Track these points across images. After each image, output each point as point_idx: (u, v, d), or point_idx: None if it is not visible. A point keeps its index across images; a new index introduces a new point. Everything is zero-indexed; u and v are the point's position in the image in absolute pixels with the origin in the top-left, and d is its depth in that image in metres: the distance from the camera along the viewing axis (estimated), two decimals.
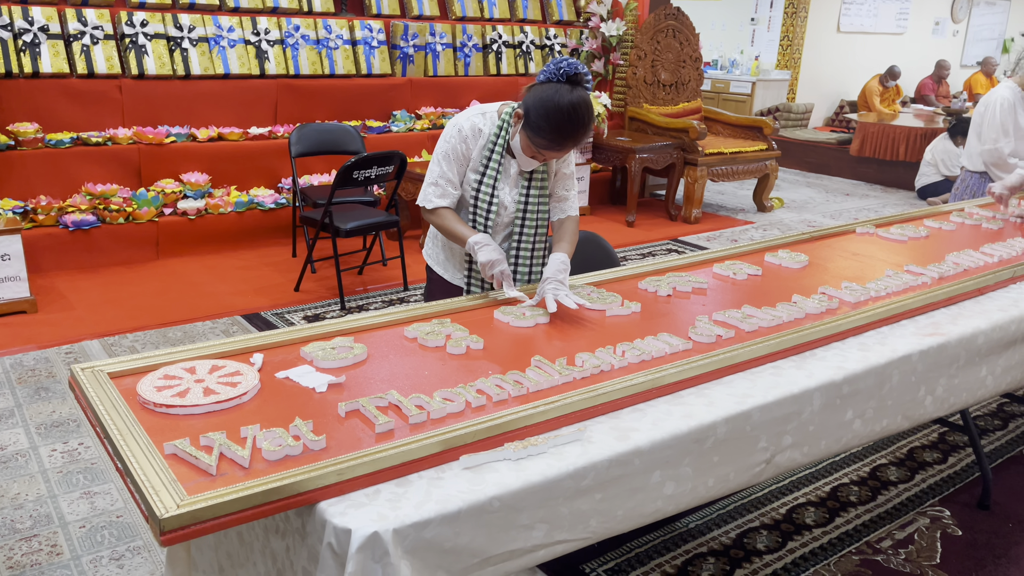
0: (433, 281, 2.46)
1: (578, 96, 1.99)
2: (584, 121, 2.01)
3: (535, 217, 2.27)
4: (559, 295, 2.03)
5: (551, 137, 2.02)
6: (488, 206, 2.23)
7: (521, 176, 2.24)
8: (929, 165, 7.63)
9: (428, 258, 2.48)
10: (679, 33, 6.96)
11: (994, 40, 12.43)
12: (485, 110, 2.24)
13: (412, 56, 6.01)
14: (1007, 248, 2.74)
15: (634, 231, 6.07)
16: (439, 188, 2.24)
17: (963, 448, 3.07)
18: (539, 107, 2.01)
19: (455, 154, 2.22)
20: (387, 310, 2.00)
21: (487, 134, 2.21)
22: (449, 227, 2.22)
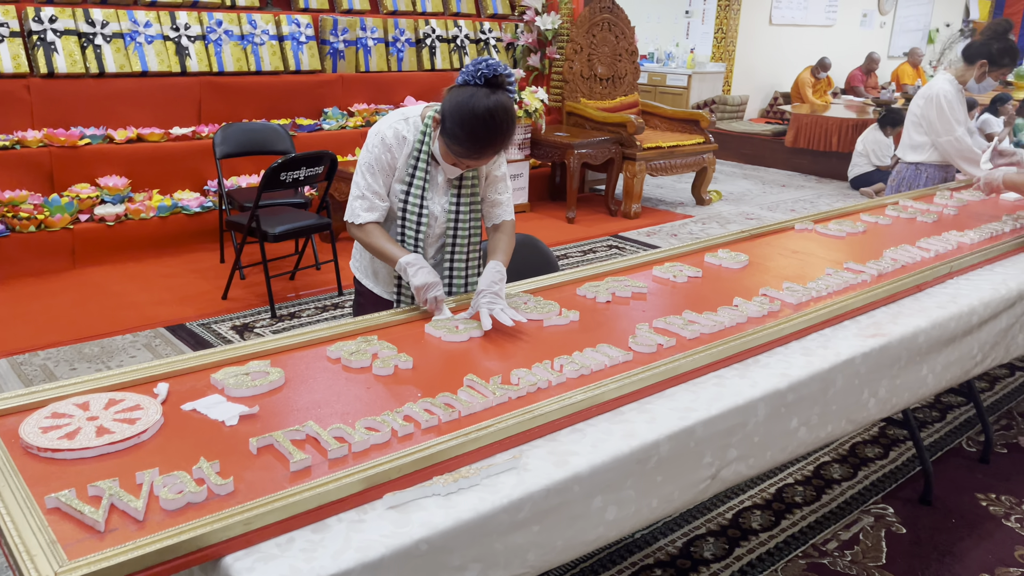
0: (362, 295, 2.33)
1: (495, 101, 1.86)
2: (502, 128, 1.88)
3: (468, 225, 2.15)
4: (494, 310, 1.92)
5: (467, 145, 1.90)
6: (418, 218, 2.11)
7: (450, 184, 2.12)
8: (861, 156, 7.75)
9: (356, 270, 2.34)
10: (615, 26, 6.91)
11: (920, 31, 12.76)
12: (408, 115, 2.11)
13: (343, 52, 5.82)
14: (942, 242, 2.74)
15: (574, 227, 6.01)
16: (366, 201, 2.11)
17: (904, 442, 3.08)
18: (454, 113, 1.88)
19: (379, 164, 2.09)
20: (308, 328, 1.87)
21: (411, 141, 2.08)
22: (378, 246, 2.09)
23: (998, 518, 2.62)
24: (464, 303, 2.08)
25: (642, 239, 5.81)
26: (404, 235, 2.13)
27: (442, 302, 1.99)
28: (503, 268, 2.05)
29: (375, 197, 2.11)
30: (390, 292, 2.24)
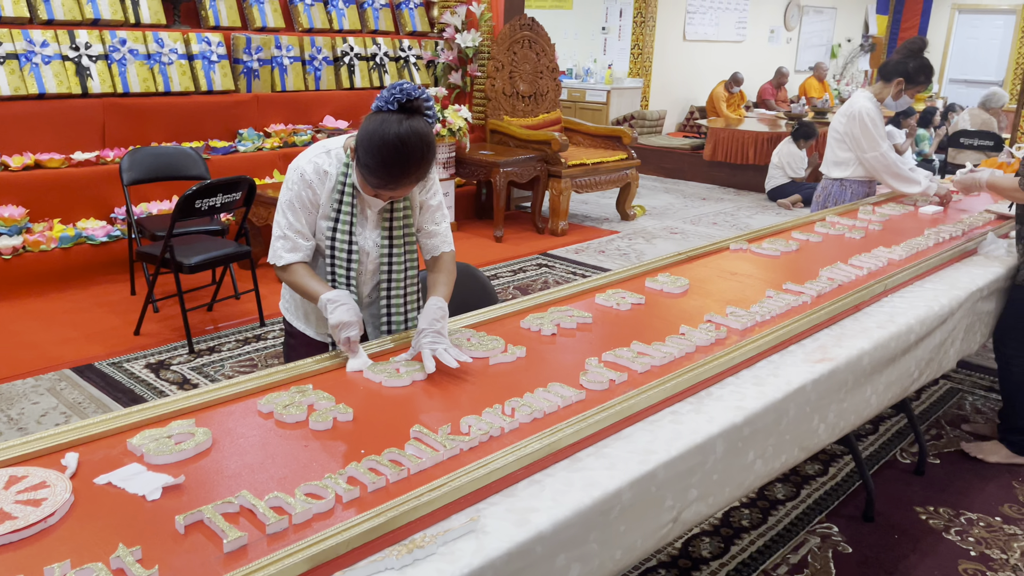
0: (293, 336, 2.18)
1: (408, 127, 1.74)
2: (416, 155, 1.77)
3: (403, 259, 2.04)
4: (437, 350, 1.81)
5: (380, 175, 1.78)
6: (347, 255, 1.98)
7: (380, 216, 2.00)
8: (776, 168, 7.96)
9: (286, 311, 2.20)
10: (535, 43, 6.90)
11: (823, 46, 13.27)
12: (329, 147, 1.98)
13: (257, 71, 5.61)
14: (873, 259, 2.77)
15: (503, 246, 5.93)
16: (288, 241, 1.98)
17: (841, 456, 3.10)
18: (365, 142, 1.77)
19: (300, 202, 1.96)
20: (235, 380, 1.72)
21: (334, 175, 1.96)
22: (302, 284, 1.96)
23: (939, 532, 2.65)
24: (405, 343, 1.97)
25: (571, 256, 5.79)
26: (334, 274, 2.00)
27: (356, 344, 1.85)
28: (444, 304, 1.94)
29: (297, 236, 1.98)
30: (324, 334, 2.10)
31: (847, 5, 13.57)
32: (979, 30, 13.86)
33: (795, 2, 12.38)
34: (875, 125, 3.62)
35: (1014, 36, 13.30)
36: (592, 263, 5.62)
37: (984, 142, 7.39)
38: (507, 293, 4.91)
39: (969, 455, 3.14)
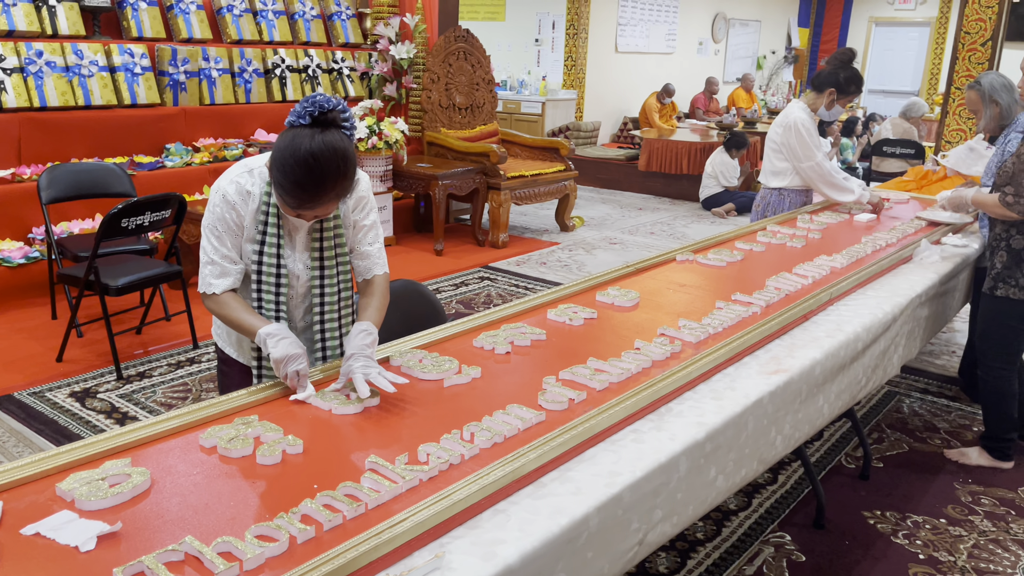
0: (227, 363, 2.07)
1: (320, 142, 1.64)
2: (331, 171, 1.66)
3: (336, 282, 1.95)
4: (370, 375, 1.71)
5: (295, 195, 1.67)
6: (276, 279, 1.88)
7: (309, 237, 1.91)
8: (710, 177, 8.10)
9: (218, 338, 2.08)
10: (470, 55, 6.87)
11: (750, 58, 13.62)
12: (252, 166, 1.88)
13: (184, 83, 5.41)
14: (817, 268, 2.81)
15: (443, 260, 5.86)
16: (216, 267, 1.87)
17: (790, 464, 3.13)
18: (278, 161, 1.67)
19: (224, 225, 1.86)
20: (173, 413, 1.61)
21: (257, 195, 1.85)
22: (235, 318, 1.84)
23: (887, 536, 2.68)
24: (333, 373, 1.87)
25: (512, 269, 5.75)
26: (262, 300, 1.90)
27: (305, 377, 1.75)
28: (374, 329, 1.84)
29: (225, 261, 1.87)
30: (252, 363, 1.98)
31: (770, 18, 13.97)
32: (895, 42, 14.44)
33: (721, 15, 12.68)
34: (810, 135, 3.69)
35: (928, 47, 13.90)
36: (534, 275, 5.60)
37: (906, 150, 7.66)
38: (450, 307, 4.84)
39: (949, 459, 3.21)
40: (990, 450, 3.17)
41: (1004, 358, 3.07)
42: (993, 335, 3.07)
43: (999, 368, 3.08)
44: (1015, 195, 2.81)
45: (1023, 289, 2.93)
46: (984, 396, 3.17)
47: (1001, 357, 3.07)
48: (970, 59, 5.75)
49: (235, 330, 1.89)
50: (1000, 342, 3.06)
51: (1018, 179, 2.80)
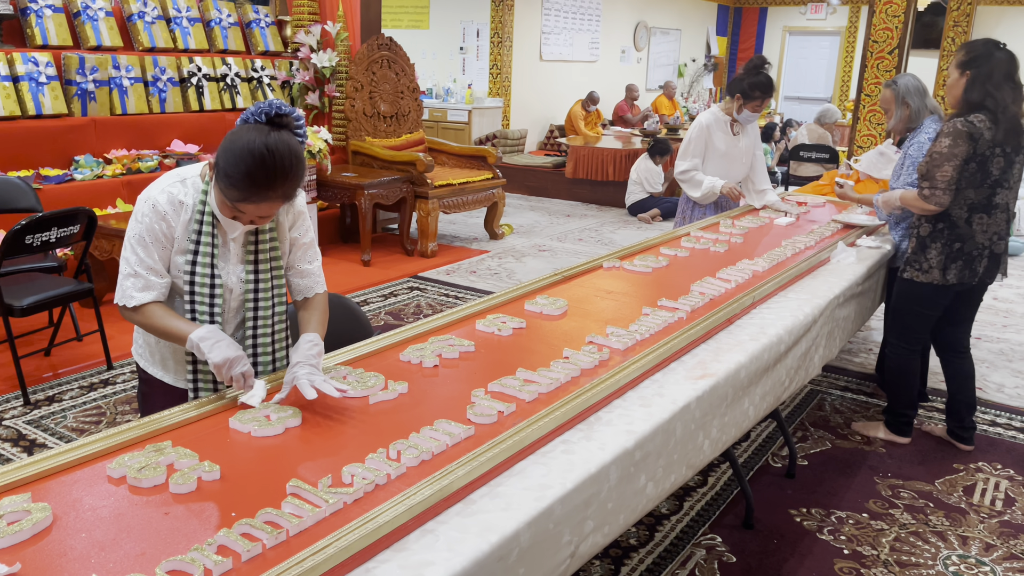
0: (148, 384, 1.98)
1: (276, 138, 1.64)
2: (283, 166, 1.64)
3: (270, 295, 1.89)
4: (316, 381, 1.69)
5: (244, 187, 1.64)
6: (210, 291, 1.82)
7: (244, 249, 1.85)
8: (635, 184, 8.21)
9: (140, 358, 1.99)
10: (394, 64, 6.80)
11: (671, 66, 13.91)
12: (185, 175, 1.83)
13: (93, 93, 5.19)
14: (739, 272, 2.86)
15: (371, 270, 5.77)
16: (139, 280, 1.79)
17: (718, 465, 3.17)
18: (228, 152, 1.64)
19: (152, 235, 1.79)
20: (78, 442, 1.52)
21: (191, 205, 1.80)
22: (162, 325, 1.78)
23: (813, 532, 2.74)
24: (276, 385, 1.81)
25: (442, 278, 5.70)
26: (195, 313, 1.83)
27: (251, 378, 1.72)
28: (320, 340, 1.82)
29: (150, 273, 1.80)
30: (185, 380, 1.91)
31: (690, 27, 14.30)
32: (808, 50, 14.96)
33: (643, 24, 12.91)
34: (689, 139, 4.02)
35: (839, 56, 14.45)
36: (464, 284, 5.56)
37: (821, 155, 7.93)
38: (378, 319, 4.76)
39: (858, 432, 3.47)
40: (890, 424, 3.40)
41: (908, 338, 3.27)
42: (900, 316, 3.27)
43: (903, 347, 3.28)
44: (931, 188, 2.98)
45: (924, 272, 3.12)
46: (888, 373, 3.39)
47: (905, 337, 3.27)
48: (878, 67, 5.99)
49: (164, 338, 1.82)
50: (905, 323, 3.26)
51: (932, 174, 2.96)
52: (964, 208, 3.00)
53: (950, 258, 3.06)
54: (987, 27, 12.65)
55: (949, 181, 2.93)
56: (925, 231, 3.10)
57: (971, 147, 2.90)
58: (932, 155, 2.97)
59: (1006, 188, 3.01)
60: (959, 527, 2.79)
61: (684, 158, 4.02)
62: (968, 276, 3.08)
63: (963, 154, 2.90)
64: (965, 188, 2.96)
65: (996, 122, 2.89)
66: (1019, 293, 5.73)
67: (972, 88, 2.92)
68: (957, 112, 2.98)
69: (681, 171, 4.03)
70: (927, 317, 3.21)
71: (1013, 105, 2.90)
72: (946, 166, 2.92)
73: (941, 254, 3.06)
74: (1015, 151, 2.97)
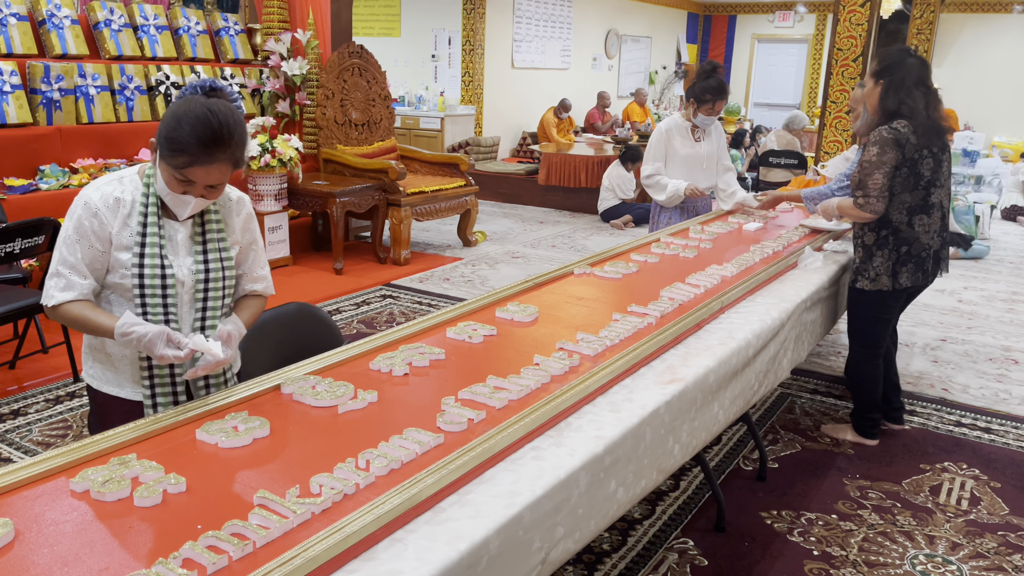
0: (105, 405, 1.92)
1: (216, 102, 1.70)
2: (228, 123, 1.68)
3: (220, 287, 1.87)
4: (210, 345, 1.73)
5: (192, 148, 1.66)
6: (162, 285, 1.78)
7: (191, 240, 1.84)
8: (608, 190, 8.26)
9: (91, 378, 1.93)
10: (365, 71, 6.79)
11: (642, 73, 14.02)
12: (123, 175, 1.83)
13: (59, 101, 5.12)
14: (708, 277, 2.88)
15: (344, 279, 5.74)
16: (61, 279, 1.77)
17: (690, 470, 3.19)
18: (172, 120, 1.68)
19: (81, 232, 1.76)
20: (40, 457, 1.49)
21: (131, 202, 1.79)
22: (85, 321, 1.75)
23: (783, 535, 2.77)
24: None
25: (415, 286, 5.69)
26: (147, 308, 1.78)
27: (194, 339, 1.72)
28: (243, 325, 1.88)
29: (72, 272, 1.76)
30: (142, 392, 1.86)
31: (660, 35, 14.43)
32: (776, 57, 15.17)
33: (614, 31, 13.01)
34: (650, 144, 4.11)
35: (807, 63, 14.66)
36: (438, 291, 5.56)
37: (790, 161, 8.04)
38: (351, 328, 4.74)
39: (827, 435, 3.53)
40: (857, 427, 3.46)
41: (868, 346, 3.33)
42: (857, 325, 3.34)
43: (864, 354, 3.35)
44: (864, 197, 3.07)
45: (872, 280, 3.18)
46: (851, 378, 3.45)
47: (865, 345, 3.34)
48: (843, 74, 6.08)
49: (90, 333, 1.80)
50: (863, 331, 3.33)
51: (864, 183, 3.06)
52: (903, 212, 3.10)
53: (899, 263, 3.14)
54: (950, 34, 12.93)
55: (881, 188, 3.03)
56: (870, 240, 3.17)
57: (899, 153, 3.00)
58: (863, 164, 3.07)
59: (939, 187, 3.13)
60: (926, 527, 2.84)
61: (647, 163, 4.14)
62: (921, 278, 3.18)
63: (892, 161, 3.00)
64: (901, 193, 3.06)
65: (916, 127, 3.00)
66: (984, 296, 5.85)
67: (886, 96, 3.04)
68: (878, 121, 3.09)
69: (646, 176, 4.13)
70: (884, 322, 3.28)
71: (928, 109, 3.02)
72: (876, 174, 3.02)
73: (888, 260, 3.14)
74: (941, 151, 3.10)
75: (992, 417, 3.77)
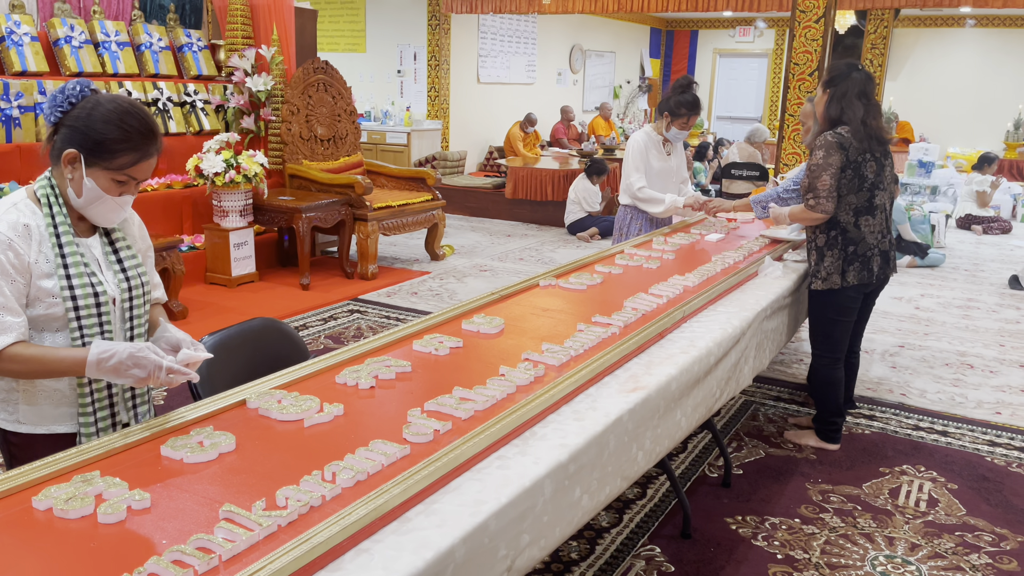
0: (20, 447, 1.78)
1: (117, 95, 1.74)
2: (149, 114, 1.74)
3: (142, 299, 1.85)
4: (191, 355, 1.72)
5: (137, 143, 1.68)
6: (96, 304, 1.73)
7: (107, 257, 1.81)
8: (574, 203, 8.33)
9: (4, 422, 1.78)
10: (330, 87, 6.80)
11: (607, 87, 14.19)
12: (15, 200, 1.72)
13: (18, 119, 5.06)
14: (670, 287, 2.93)
15: (311, 294, 5.72)
16: None
17: (657, 477, 3.23)
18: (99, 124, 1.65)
19: (2, 270, 1.63)
20: (3, 476, 1.48)
21: (38, 226, 1.70)
22: (42, 360, 1.63)
23: (748, 539, 2.82)
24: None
25: (383, 300, 5.69)
26: (84, 332, 1.72)
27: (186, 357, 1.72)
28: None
29: (5, 313, 1.63)
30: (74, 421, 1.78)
31: (624, 49, 14.63)
32: (738, 71, 15.44)
33: (578, 46, 13.15)
34: (632, 155, 4.10)
35: (767, 77, 14.95)
36: (406, 306, 5.56)
37: (752, 172, 8.19)
38: (318, 343, 4.72)
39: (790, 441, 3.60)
40: (819, 432, 3.54)
41: (829, 348, 3.43)
42: (817, 327, 3.45)
43: (826, 357, 3.44)
44: (815, 198, 3.21)
45: (824, 280, 3.31)
46: (813, 383, 3.54)
47: (826, 347, 3.43)
48: (800, 88, 6.23)
49: (44, 376, 1.69)
50: (822, 333, 3.43)
51: (813, 185, 3.21)
52: (850, 213, 3.24)
53: (847, 261, 3.27)
54: (904, 48, 13.28)
55: (829, 189, 3.18)
56: (821, 241, 3.31)
57: (843, 155, 3.16)
58: (811, 168, 3.22)
59: (882, 190, 3.28)
60: (886, 528, 2.91)
61: (633, 174, 4.08)
62: (867, 276, 3.30)
63: (837, 163, 3.16)
64: (847, 194, 3.21)
65: (855, 133, 3.16)
66: (940, 303, 6.00)
67: (830, 105, 3.23)
68: (823, 127, 3.27)
69: (638, 187, 4.08)
70: (843, 324, 3.37)
71: (867, 118, 3.19)
72: (824, 176, 3.17)
73: (838, 259, 3.27)
74: (883, 156, 3.26)
75: (949, 421, 3.87)
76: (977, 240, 8.51)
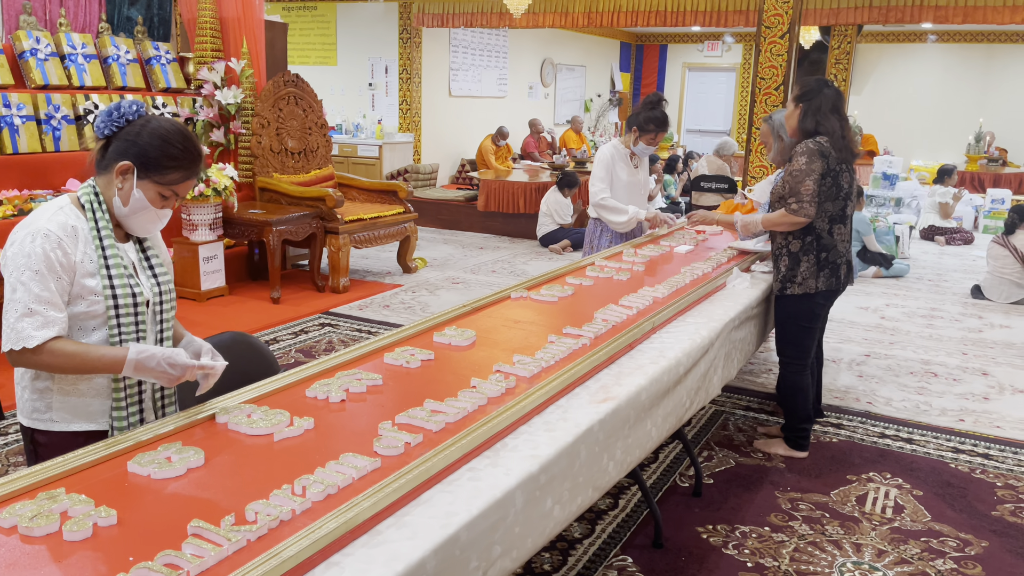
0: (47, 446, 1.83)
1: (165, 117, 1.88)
2: (195, 136, 1.89)
3: (172, 303, 1.96)
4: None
5: (186, 162, 1.82)
6: (134, 305, 1.83)
7: (140, 261, 1.92)
8: (546, 216, 8.37)
9: (32, 419, 1.84)
10: (301, 100, 6.78)
11: (578, 101, 14.30)
12: (61, 205, 1.82)
13: None
14: (640, 299, 2.96)
15: (281, 308, 5.68)
16: (37, 317, 1.70)
17: (629, 488, 3.25)
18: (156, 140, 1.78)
19: (50, 265, 1.72)
20: None
21: (84, 229, 1.80)
22: (84, 356, 1.73)
23: (719, 548, 2.84)
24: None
25: (355, 313, 5.67)
26: (122, 334, 1.81)
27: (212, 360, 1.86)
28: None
29: (48, 308, 1.71)
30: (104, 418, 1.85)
31: (595, 63, 14.76)
32: (707, 85, 15.64)
33: (549, 60, 13.25)
34: (598, 166, 4.18)
35: (736, 91, 15.16)
36: (378, 319, 5.54)
37: (721, 185, 8.29)
38: (289, 357, 4.69)
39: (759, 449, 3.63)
40: (788, 440, 3.59)
41: (797, 354, 3.48)
42: (786, 334, 3.49)
43: (794, 364, 3.49)
44: (797, 202, 3.26)
45: (799, 285, 3.36)
46: (782, 391, 3.59)
47: (794, 354, 3.48)
48: (766, 102, 6.33)
49: (87, 370, 1.76)
50: (792, 340, 3.48)
51: (796, 190, 3.25)
52: (826, 220, 3.31)
53: (819, 267, 3.34)
54: (868, 63, 13.56)
55: (813, 194, 3.24)
56: (796, 247, 3.36)
57: (824, 163, 3.23)
58: (792, 173, 3.27)
59: (851, 201, 3.38)
60: (853, 535, 2.95)
61: (596, 183, 4.16)
62: (835, 283, 3.38)
63: (819, 169, 3.23)
64: (824, 201, 3.28)
65: (833, 143, 3.25)
66: (904, 312, 6.11)
67: (805, 118, 3.30)
68: (798, 139, 3.34)
69: (600, 198, 4.15)
70: (810, 330, 3.43)
71: (841, 131, 3.28)
72: (807, 181, 3.23)
73: (813, 265, 3.34)
74: (851, 170, 3.35)
75: (914, 428, 3.94)
76: (940, 251, 8.68)
